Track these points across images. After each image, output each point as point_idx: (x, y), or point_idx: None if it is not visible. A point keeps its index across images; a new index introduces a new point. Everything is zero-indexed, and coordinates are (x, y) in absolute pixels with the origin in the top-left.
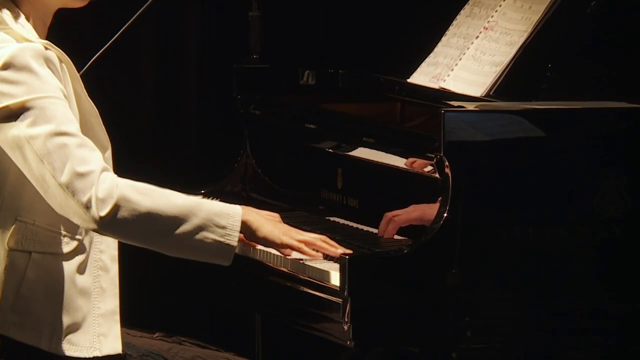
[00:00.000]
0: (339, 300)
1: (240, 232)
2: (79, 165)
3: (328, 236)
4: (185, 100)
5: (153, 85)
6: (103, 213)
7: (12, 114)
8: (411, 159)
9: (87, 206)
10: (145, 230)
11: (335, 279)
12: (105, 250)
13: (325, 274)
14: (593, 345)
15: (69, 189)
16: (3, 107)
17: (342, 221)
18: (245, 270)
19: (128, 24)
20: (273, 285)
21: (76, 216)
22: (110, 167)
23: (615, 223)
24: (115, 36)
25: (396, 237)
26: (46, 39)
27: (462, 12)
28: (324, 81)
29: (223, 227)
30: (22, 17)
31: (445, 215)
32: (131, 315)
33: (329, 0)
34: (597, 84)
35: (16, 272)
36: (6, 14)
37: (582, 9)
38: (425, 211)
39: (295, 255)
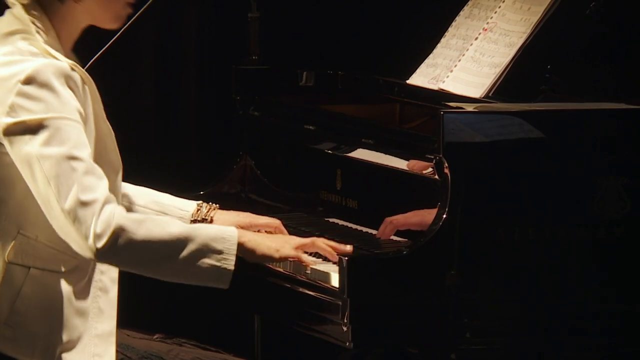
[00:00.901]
0: (338, 301)
1: (238, 254)
2: (84, 193)
3: (327, 237)
4: (184, 101)
5: (152, 86)
6: (100, 245)
7: (28, 130)
8: (412, 162)
9: (85, 236)
10: (142, 260)
11: (334, 280)
12: (106, 272)
13: (325, 275)
14: (592, 346)
15: (71, 215)
16: (20, 122)
17: (341, 222)
18: (244, 271)
19: (128, 24)
20: (272, 287)
21: (75, 243)
22: (119, 189)
23: (614, 224)
24: (115, 37)
25: (395, 238)
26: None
27: (461, 13)
28: (323, 82)
29: (219, 252)
30: (52, 31)
31: (444, 216)
32: (131, 315)
33: (328, 2)
34: (596, 85)
35: (13, 286)
36: (36, 27)
37: (581, 10)
38: (425, 217)
39: None
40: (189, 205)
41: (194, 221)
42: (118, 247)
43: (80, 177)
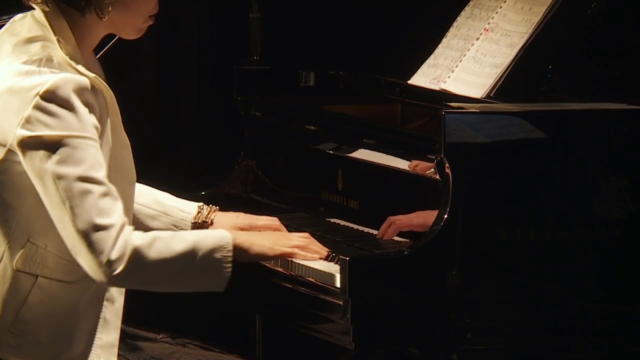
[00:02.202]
0: (340, 301)
1: (233, 258)
2: (99, 216)
3: (329, 238)
4: (186, 101)
5: (154, 87)
6: (115, 272)
7: (44, 145)
8: (414, 162)
9: (100, 261)
10: (149, 281)
11: (336, 281)
12: None
13: (326, 276)
14: (594, 346)
15: (85, 238)
16: (36, 136)
17: (342, 222)
18: (245, 272)
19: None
20: (273, 287)
21: (86, 264)
22: (133, 201)
23: (616, 224)
24: (116, 37)
25: (397, 238)
26: None
27: (462, 13)
28: (324, 83)
29: (219, 261)
30: (73, 40)
31: (445, 216)
32: (137, 315)
33: (329, 2)
34: (597, 85)
35: (19, 293)
36: (57, 34)
37: (582, 11)
38: (428, 218)
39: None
40: (190, 207)
41: (195, 224)
42: (131, 274)
43: (97, 199)
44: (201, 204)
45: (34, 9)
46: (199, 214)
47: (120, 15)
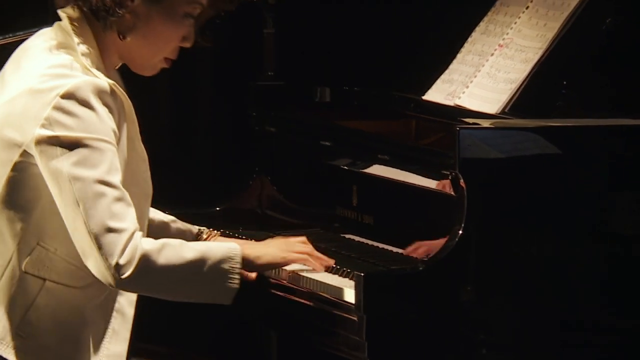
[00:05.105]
0: (354, 317)
1: (242, 268)
2: (112, 220)
3: (343, 253)
4: (200, 117)
5: (168, 102)
6: (123, 276)
7: (61, 146)
8: (442, 182)
9: (109, 264)
10: (157, 287)
11: (350, 296)
12: (125, 293)
13: (340, 291)
14: None
15: (96, 240)
16: (54, 136)
17: (357, 238)
18: (255, 286)
19: None
20: (287, 303)
21: (95, 267)
22: (147, 214)
23: (631, 239)
24: None
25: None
26: None
27: (477, 29)
28: (338, 98)
29: (226, 272)
30: (96, 50)
31: (460, 232)
32: (141, 328)
33: (343, 18)
34: (612, 101)
35: (27, 296)
36: (81, 43)
37: (597, 26)
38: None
39: (308, 274)
40: (191, 229)
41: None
42: (139, 278)
43: (110, 203)
44: (202, 228)
45: (60, 19)
46: (198, 238)
47: (138, 45)
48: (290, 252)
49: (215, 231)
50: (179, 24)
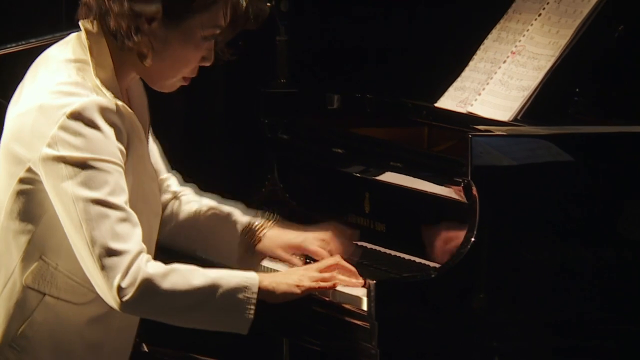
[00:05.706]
0: (367, 324)
1: (259, 298)
2: (114, 241)
3: (356, 261)
4: (212, 124)
5: (180, 109)
6: (124, 298)
7: (66, 166)
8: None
9: (111, 286)
10: (164, 312)
11: (363, 304)
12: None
13: (354, 299)
14: None
15: (99, 261)
16: (59, 156)
17: (369, 246)
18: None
19: None
20: (301, 310)
21: (99, 288)
22: (156, 232)
23: None
24: None
25: (424, 261)
26: None
27: (489, 36)
28: (351, 105)
29: (241, 302)
30: (111, 67)
31: (472, 239)
32: (155, 332)
33: (355, 25)
34: (624, 107)
35: (25, 309)
36: (96, 59)
37: (609, 33)
38: None
39: None
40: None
41: (243, 238)
42: (142, 302)
43: (114, 224)
44: (254, 220)
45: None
46: (249, 229)
47: (156, 66)
48: (306, 282)
49: (269, 222)
50: (197, 47)
